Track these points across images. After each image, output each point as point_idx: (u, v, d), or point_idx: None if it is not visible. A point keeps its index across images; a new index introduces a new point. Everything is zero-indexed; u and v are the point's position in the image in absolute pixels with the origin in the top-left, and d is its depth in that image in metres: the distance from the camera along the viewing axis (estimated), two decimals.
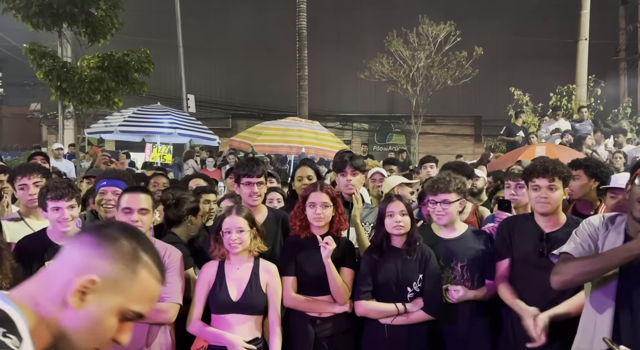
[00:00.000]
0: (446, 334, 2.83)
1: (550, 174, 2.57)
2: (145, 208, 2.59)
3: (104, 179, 3.22)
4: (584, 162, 3.39)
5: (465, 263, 2.82)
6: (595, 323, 2.03)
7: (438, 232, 2.94)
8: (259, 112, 19.39)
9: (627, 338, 1.91)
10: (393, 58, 15.57)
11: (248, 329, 2.61)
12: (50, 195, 2.67)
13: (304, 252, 2.83)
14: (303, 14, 14.03)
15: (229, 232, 2.62)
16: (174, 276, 2.61)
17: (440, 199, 2.79)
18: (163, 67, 17.23)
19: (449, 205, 2.80)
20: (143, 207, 2.58)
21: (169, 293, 2.57)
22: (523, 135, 10.12)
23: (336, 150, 7.94)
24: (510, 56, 19.19)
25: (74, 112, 11.47)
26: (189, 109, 15.68)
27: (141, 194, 2.63)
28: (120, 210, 2.57)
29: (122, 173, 3.53)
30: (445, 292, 2.77)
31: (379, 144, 21.04)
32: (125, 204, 2.57)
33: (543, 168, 2.60)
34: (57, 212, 2.67)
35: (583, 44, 13.90)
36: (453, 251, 2.84)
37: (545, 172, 2.58)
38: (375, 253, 2.84)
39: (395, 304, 2.72)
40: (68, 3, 9.65)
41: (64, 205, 2.67)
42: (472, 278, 2.82)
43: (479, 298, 2.80)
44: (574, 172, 3.18)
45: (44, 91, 14.11)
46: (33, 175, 3.14)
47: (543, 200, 2.58)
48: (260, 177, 3.01)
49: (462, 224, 2.98)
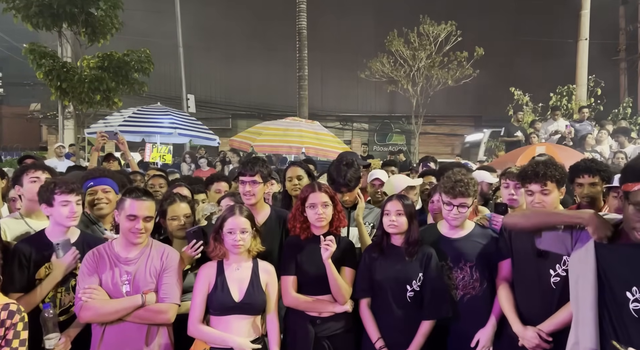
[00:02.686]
0: (448, 332, 2.82)
1: (541, 179, 2.56)
2: (150, 216, 2.60)
3: (89, 179, 3.22)
4: (596, 166, 3.30)
5: (474, 263, 2.79)
6: (577, 318, 2.11)
7: (444, 231, 2.91)
8: (259, 112, 19.39)
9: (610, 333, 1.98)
10: (393, 58, 15.58)
11: (248, 329, 2.60)
12: (60, 189, 2.66)
13: (304, 252, 2.83)
14: (303, 14, 14.03)
15: (232, 232, 2.60)
16: (172, 276, 2.61)
17: (458, 202, 2.74)
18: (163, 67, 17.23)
19: (467, 209, 2.78)
20: (148, 215, 2.59)
21: (168, 293, 2.56)
22: (521, 134, 10.13)
23: (336, 151, 7.96)
24: (510, 56, 19.20)
25: (74, 112, 11.47)
26: (189, 109, 15.68)
27: (147, 202, 2.62)
28: (125, 216, 2.56)
29: (106, 171, 3.55)
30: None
31: (379, 144, 21.05)
32: (130, 211, 2.56)
33: (534, 173, 2.58)
34: (66, 206, 2.67)
35: (583, 44, 13.90)
36: (461, 251, 2.82)
37: (536, 177, 2.57)
38: (374, 251, 2.84)
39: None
40: (68, 3, 9.65)
41: (73, 200, 2.68)
42: (482, 278, 2.80)
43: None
44: (590, 178, 3.17)
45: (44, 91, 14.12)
46: (45, 172, 3.15)
47: (538, 206, 2.58)
48: (253, 176, 3.00)
49: (469, 222, 2.94)
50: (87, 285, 2.47)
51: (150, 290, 2.54)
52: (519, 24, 19.50)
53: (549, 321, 2.48)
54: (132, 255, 2.59)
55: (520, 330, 2.54)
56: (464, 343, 2.76)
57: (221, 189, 4.08)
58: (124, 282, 2.52)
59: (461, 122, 20.64)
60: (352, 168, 3.28)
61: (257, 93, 19.63)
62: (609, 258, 2.04)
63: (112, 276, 2.53)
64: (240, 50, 19.38)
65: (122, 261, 2.57)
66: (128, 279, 2.53)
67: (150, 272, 2.57)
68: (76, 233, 2.82)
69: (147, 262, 2.59)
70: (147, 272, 2.57)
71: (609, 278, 2.02)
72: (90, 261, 2.54)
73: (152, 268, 2.59)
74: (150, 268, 2.58)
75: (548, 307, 2.51)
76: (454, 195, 2.73)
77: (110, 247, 2.61)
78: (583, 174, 3.24)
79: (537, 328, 2.50)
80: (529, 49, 19.03)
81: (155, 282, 2.58)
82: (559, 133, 9.59)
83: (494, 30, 18.53)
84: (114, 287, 2.51)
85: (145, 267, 2.57)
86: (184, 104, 15.60)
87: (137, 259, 2.59)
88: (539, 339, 2.47)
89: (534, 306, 2.57)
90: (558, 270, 2.51)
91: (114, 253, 2.59)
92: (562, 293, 2.45)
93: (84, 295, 2.44)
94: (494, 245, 2.83)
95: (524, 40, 18.86)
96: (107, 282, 2.52)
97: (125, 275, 2.54)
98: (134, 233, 2.56)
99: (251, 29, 18.99)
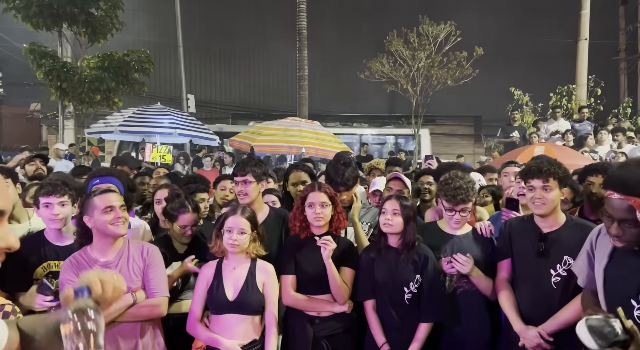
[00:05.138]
0: (446, 333, 2.83)
1: (544, 175, 2.55)
2: (124, 204, 2.57)
3: (96, 177, 3.24)
4: (600, 167, 3.32)
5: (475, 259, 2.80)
6: None
7: (446, 228, 2.94)
8: (259, 112, 19.40)
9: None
10: (393, 58, 15.57)
11: (245, 330, 2.61)
12: (42, 191, 2.67)
13: (303, 251, 2.83)
14: (303, 14, 14.03)
15: (230, 231, 2.63)
16: (157, 271, 2.61)
17: (459, 208, 2.78)
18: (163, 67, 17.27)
19: (468, 213, 2.83)
20: (122, 204, 2.56)
21: (156, 288, 2.57)
22: (517, 134, 10.13)
23: (336, 151, 7.95)
24: (510, 56, 19.20)
25: (74, 112, 11.48)
26: (189, 109, 15.67)
27: (114, 193, 2.60)
28: (101, 211, 2.48)
29: (113, 170, 3.59)
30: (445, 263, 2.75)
31: None
32: (105, 204, 2.49)
33: (537, 169, 2.58)
34: (47, 208, 2.67)
35: (583, 44, 13.90)
36: (459, 246, 2.84)
37: (539, 173, 2.56)
38: (372, 251, 2.85)
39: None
40: (68, 3, 9.67)
41: (54, 201, 2.67)
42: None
43: (481, 285, 2.76)
44: (602, 178, 3.15)
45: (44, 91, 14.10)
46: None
47: (538, 201, 2.56)
48: (245, 176, 3.01)
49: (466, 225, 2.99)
50: None
51: (138, 288, 2.54)
52: (519, 24, 19.50)
53: (550, 321, 2.48)
54: (111, 258, 2.54)
55: (522, 330, 2.54)
56: (454, 335, 2.77)
57: (226, 187, 4.15)
58: None
59: (461, 122, 20.64)
60: (350, 167, 3.29)
61: (257, 93, 19.64)
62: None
63: None
64: (240, 50, 19.39)
65: (102, 265, 2.50)
66: None
67: (134, 271, 2.56)
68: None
69: (128, 262, 2.56)
70: (131, 271, 2.55)
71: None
72: (69, 270, 2.47)
73: (135, 266, 2.57)
74: (133, 267, 2.56)
75: (549, 307, 2.51)
76: (455, 203, 2.76)
77: (85, 253, 2.54)
78: (597, 173, 3.25)
79: (538, 328, 2.49)
80: (529, 49, 19.03)
81: (141, 279, 2.57)
82: (559, 133, 9.59)
83: (494, 30, 18.53)
84: None
85: (127, 267, 2.55)
86: (184, 104, 15.59)
87: (117, 261, 2.54)
88: (540, 339, 2.47)
89: (535, 306, 2.56)
90: (559, 270, 2.51)
91: (91, 258, 2.52)
92: (563, 293, 2.46)
93: None
94: (490, 246, 2.85)
95: (524, 40, 18.86)
96: None
97: None
98: (115, 224, 2.48)
99: (251, 28, 19.00)
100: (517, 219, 2.93)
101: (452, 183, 2.76)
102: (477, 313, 2.80)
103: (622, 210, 1.80)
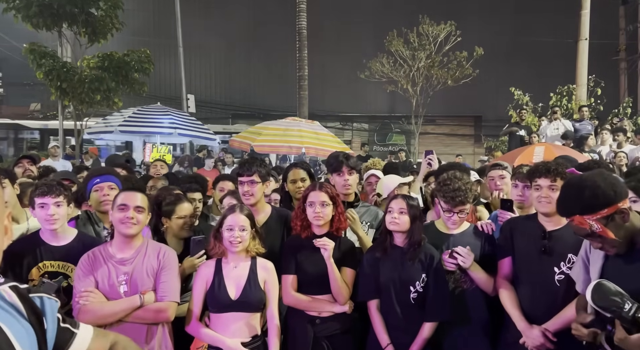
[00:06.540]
0: (447, 332, 2.82)
1: (552, 174, 2.56)
2: (141, 206, 2.58)
3: (95, 176, 3.23)
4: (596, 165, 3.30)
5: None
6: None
7: (443, 228, 2.93)
8: (259, 112, 19.41)
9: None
10: (393, 58, 15.59)
11: (246, 327, 2.61)
12: (37, 192, 2.66)
13: (304, 251, 2.82)
14: (303, 14, 14.04)
15: (230, 229, 2.62)
16: (170, 275, 2.60)
17: (458, 210, 2.78)
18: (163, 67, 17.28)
19: (466, 214, 2.83)
20: (139, 205, 2.57)
21: (167, 292, 2.55)
22: (525, 132, 10.14)
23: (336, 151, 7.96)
24: (510, 56, 19.21)
25: (74, 112, 11.47)
26: (189, 109, 15.68)
27: (138, 193, 2.63)
28: (116, 207, 2.55)
29: (112, 169, 3.60)
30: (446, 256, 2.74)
31: (379, 144, 21.06)
32: (121, 201, 2.56)
33: (545, 168, 2.60)
34: (42, 209, 2.66)
35: (583, 44, 13.89)
36: (460, 244, 2.80)
37: (547, 172, 2.58)
38: (377, 251, 2.84)
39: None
40: (68, 3, 9.67)
41: (49, 202, 2.65)
42: None
43: (481, 281, 2.76)
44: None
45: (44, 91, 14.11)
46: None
47: (544, 200, 2.57)
48: (251, 176, 3.01)
49: (465, 222, 2.98)
50: (84, 288, 2.45)
51: (148, 290, 2.53)
52: (519, 24, 19.50)
53: (554, 320, 2.46)
54: (128, 255, 2.57)
55: (526, 329, 2.52)
56: (455, 335, 2.76)
57: (225, 188, 4.12)
58: (121, 283, 2.50)
59: (461, 122, 20.65)
60: (352, 158, 3.33)
61: (257, 93, 19.64)
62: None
63: (108, 277, 2.50)
64: (240, 50, 19.40)
65: (117, 262, 2.54)
66: (125, 279, 2.51)
67: (147, 272, 2.56)
68: (73, 233, 2.81)
69: (143, 261, 2.57)
70: (145, 271, 2.56)
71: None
72: (85, 264, 2.51)
73: (149, 267, 2.57)
74: (147, 267, 2.57)
75: (551, 305, 2.50)
76: (454, 205, 2.75)
77: (105, 249, 2.58)
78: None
79: (542, 327, 2.48)
80: (529, 49, 19.03)
81: (153, 281, 2.56)
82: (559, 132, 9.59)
83: (494, 30, 18.53)
84: (111, 288, 2.49)
85: (142, 267, 2.56)
86: (184, 104, 15.60)
87: (133, 259, 2.56)
88: (544, 338, 2.46)
89: (538, 304, 2.55)
90: (563, 268, 2.50)
91: (109, 254, 2.56)
92: (567, 291, 2.44)
93: (81, 299, 2.43)
94: (488, 244, 2.85)
95: (524, 40, 18.86)
96: (103, 283, 2.49)
97: (123, 275, 2.52)
98: (124, 223, 2.51)
99: (251, 28, 19.01)
100: (519, 218, 2.93)
101: (451, 184, 2.74)
102: (477, 312, 2.79)
103: (577, 229, 1.95)
